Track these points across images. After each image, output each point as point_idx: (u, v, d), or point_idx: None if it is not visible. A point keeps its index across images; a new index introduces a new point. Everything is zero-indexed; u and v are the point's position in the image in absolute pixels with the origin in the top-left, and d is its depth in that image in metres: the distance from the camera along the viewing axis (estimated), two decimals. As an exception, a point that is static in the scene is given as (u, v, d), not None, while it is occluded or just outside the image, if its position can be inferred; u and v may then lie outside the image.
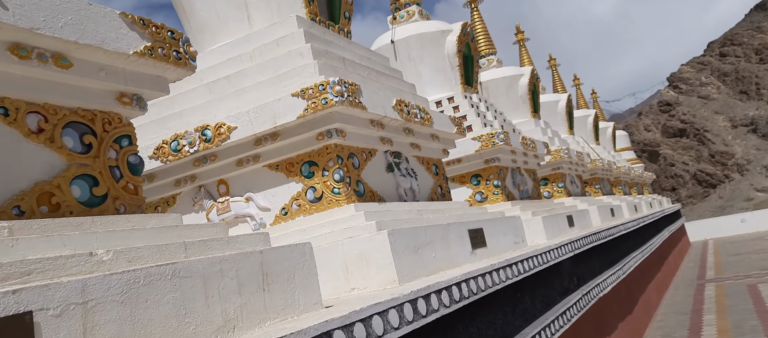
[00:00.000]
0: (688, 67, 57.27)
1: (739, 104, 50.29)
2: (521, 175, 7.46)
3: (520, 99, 10.62)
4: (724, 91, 52.62)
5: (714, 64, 55.49)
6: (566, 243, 5.45)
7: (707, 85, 53.91)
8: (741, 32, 56.97)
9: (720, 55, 56.17)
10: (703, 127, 49.30)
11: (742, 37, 55.82)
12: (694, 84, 54.71)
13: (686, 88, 54.56)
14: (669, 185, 49.39)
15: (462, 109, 7.14)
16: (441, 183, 5.12)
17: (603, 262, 7.17)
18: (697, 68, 56.35)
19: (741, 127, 48.59)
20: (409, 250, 3.19)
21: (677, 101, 53.27)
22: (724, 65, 54.61)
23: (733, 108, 50.21)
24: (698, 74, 55.35)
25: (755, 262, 13.39)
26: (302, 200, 3.65)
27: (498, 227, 4.71)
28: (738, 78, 52.18)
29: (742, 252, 16.18)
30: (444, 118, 5.00)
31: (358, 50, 4.69)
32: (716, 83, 53.66)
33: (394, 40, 7.52)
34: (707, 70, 55.27)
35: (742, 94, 51.40)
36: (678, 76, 56.82)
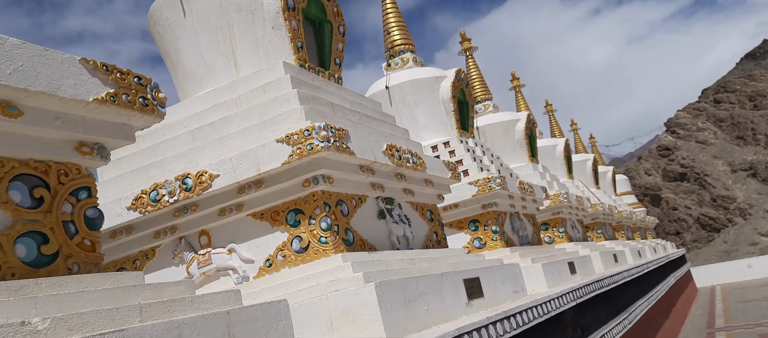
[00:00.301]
0: (684, 113, 58.13)
1: (737, 149, 50.64)
2: (520, 220, 7.26)
3: (517, 143, 10.57)
4: (721, 137, 53.11)
5: (709, 109, 56.37)
6: (568, 292, 5.19)
7: (704, 130, 54.48)
8: (733, 80, 58.34)
9: (714, 102, 57.16)
10: (703, 172, 49.36)
11: (734, 84, 57.09)
12: (691, 129, 55.32)
13: (684, 133, 55.11)
14: (673, 229, 48.88)
15: (458, 153, 7.05)
16: (436, 229, 4.93)
17: (608, 311, 6.85)
18: (693, 114, 57.17)
19: (740, 172, 48.69)
20: (398, 303, 2.98)
21: (676, 146, 53.65)
22: (719, 111, 55.46)
23: (731, 153, 50.52)
24: (694, 120, 56.08)
25: (765, 310, 12.91)
26: (288, 250, 3.46)
27: (496, 275, 4.48)
28: (734, 123, 52.84)
29: (750, 299, 15.67)
30: (438, 163, 4.88)
31: (349, 95, 4.64)
32: (713, 128, 54.25)
33: (388, 86, 7.54)
34: (703, 115, 56.05)
35: (738, 139, 51.86)
36: (675, 121, 57.59)
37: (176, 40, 4.18)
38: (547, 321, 4.65)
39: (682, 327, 12.44)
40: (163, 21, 4.21)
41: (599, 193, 16.22)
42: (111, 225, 3.56)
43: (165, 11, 4.19)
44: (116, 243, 3.66)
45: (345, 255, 3.28)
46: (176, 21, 4.16)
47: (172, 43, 4.21)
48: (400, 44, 8.09)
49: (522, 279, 5.00)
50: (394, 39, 8.13)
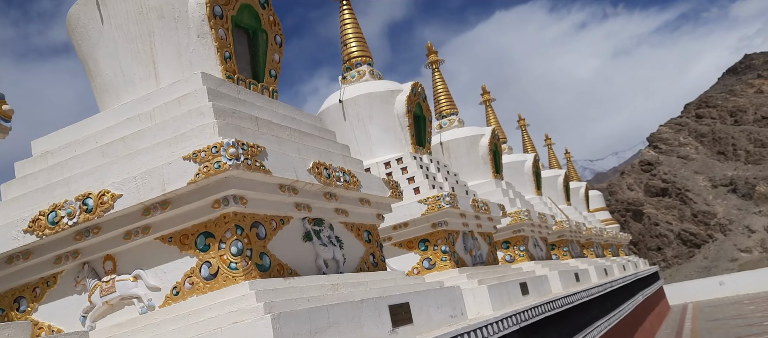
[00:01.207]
0: (666, 128, 59.33)
1: (718, 164, 51.81)
2: (474, 239, 7.21)
3: (480, 159, 10.58)
4: (703, 152, 54.32)
5: (691, 125, 57.67)
6: (511, 315, 5.11)
7: (686, 145, 55.68)
8: (715, 95, 59.89)
9: (696, 117, 58.51)
10: (684, 187, 50.28)
11: (716, 99, 58.59)
12: (673, 144, 56.48)
13: (666, 148, 56.22)
14: (654, 245, 49.57)
15: (410, 170, 6.98)
16: (374, 251, 4.81)
17: (562, 333, 6.81)
18: (675, 129, 58.38)
19: (721, 187, 49.70)
20: (302, 335, 2.84)
21: (658, 161, 54.63)
22: (700, 126, 56.78)
23: (711, 168, 51.63)
24: (676, 135, 57.27)
25: (732, 329, 13.10)
26: (196, 277, 3.30)
27: (430, 300, 4.37)
28: (715, 139, 54.15)
29: (720, 318, 15.90)
30: (376, 181, 4.78)
31: (282, 110, 4.52)
32: (694, 143, 55.48)
33: (342, 99, 7.45)
34: (685, 130, 57.29)
35: (719, 154, 53.11)
36: (657, 136, 58.71)
37: (93, 48, 4.01)
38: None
39: (648, 346, 12.52)
40: (80, 28, 4.05)
41: (569, 210, 16.34)
42: (7, 250, 3.35)
43: (82, 17, 4.03)
44: (13, 269, 3.44)
45: (253, 283, 3.13)
46: (93, 27, 4.00)
47: (89, 52, 4.04)
48: (357, 56, 8.03)
49: (462, 302, 4.91)
50: (350, 51, 8.07)
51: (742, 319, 14.71)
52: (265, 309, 2.78)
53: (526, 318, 5.45)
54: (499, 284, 6.00)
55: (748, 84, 59.07)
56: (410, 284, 4.43)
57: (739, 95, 57.09)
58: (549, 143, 23.95)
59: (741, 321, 14.29)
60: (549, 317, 6.41)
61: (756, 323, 13.45)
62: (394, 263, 6.56)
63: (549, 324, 6.40)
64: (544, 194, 16.79)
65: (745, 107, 54.92)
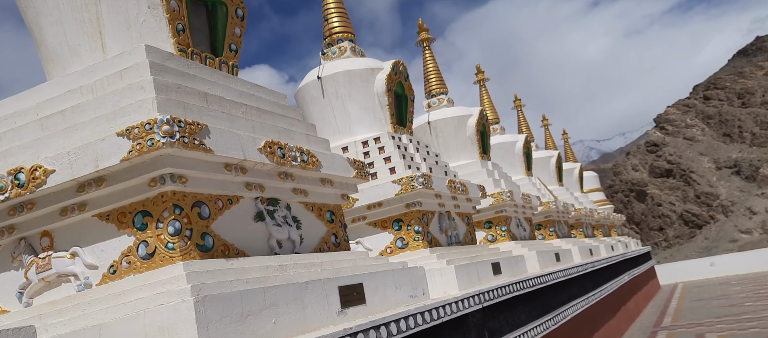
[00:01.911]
0: (673, 109, 58.12)
1: (723, 146, 50.88)
2: (451, 220, 7.04)
3: (468, 139, 10.34)
4: (709, 133, 53.31)
5: (698, 106, 56.42)
6: (472, 295, 4.98)
7: (692, 126, 54.62)
8: (724, 77, 58.33)
9: (704, 99, 57.18)
10: (688, 168, 49.56)
11: (724, 81, 57.10)
12: (679, 125, 55.41)
13: (672, 130, 55.19)
14: (656, 225, 49.16)
15: (387, 149, 6.77)
16: (336, 230, 4.66)
17: (532, 312, 6.69)
18: (682, 110, 57.18)
19: (725, 169, 48.92)
20: (230, 319, 2.70)
21: (663, 142, 53.73)
22: (708, 108, 55.54)
23: (717, 150, 50.73)
24: (683, 116, 56.14)
25: (713, 309, 13.00)
26: (133, 256, 3.15)
27: (388, 280, 4.23)
28: (721, 121, 53.03)
29: (705, 298, 15.80)
30: (340, 161, 4.59)
31: (240, 86, 4.31)
32: (701, 125, 54.39)
33: (321, 76, 7.20)
34: (692, 112, 56.08)
35: (725, 136, 52.11)
36: (664, 117, 57.54)
37: (38, 16, 3.80)
38: (444, 325, 4.44)
39: (630, 326, 12.46)
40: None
41: (560, 191, 16.13)
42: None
43: (27, -16, 3.80)
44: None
45: (188, 264, 2.98)
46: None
47: (34, 20, 3.83)
48: (339, 32, 7.74)
49: (424, 282, 4.77)
50: (332, 26, 7.78)
51: (726, 299, 14.61)
52: (192, 292, 2.64)
53: (489, 298, 5.32)
54: (468, 264, 5.86)
55: (757, 66, 57.37)
56: (368, 265, 4.28)
57: (748, 77, 55.55)
58: (546, 124, 23.58)
59: (724, 302, 14.19)
60: (518, 296, 6.28)
61: (738, 303, 13.34)
62: (368, 242, 6.43)
63: (518, 303, 6.28)
64: (537, 175, 16.57)
65: (753, 89, 53.47)
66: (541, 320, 6.64)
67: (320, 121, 7.31)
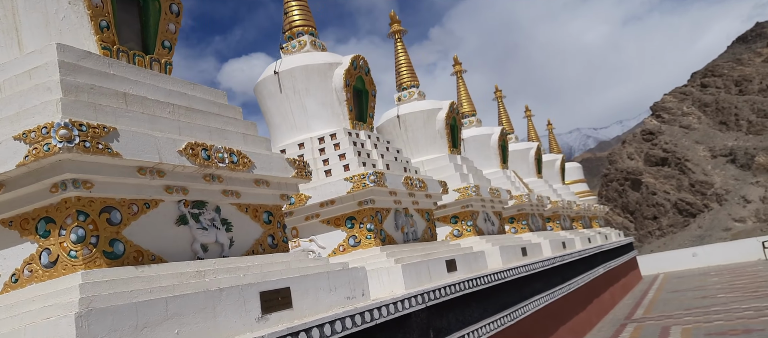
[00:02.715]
0: (670, 97, 57.64)
1: (719, 134, 50.67)
2: (408, 216, 6.98)
3: (437, 133, 10.24)
4: (705, 121, 53.04)
5: (695, 94, 55.98)
6: (414, 295, 4.93)
7: (689, 114, 54.29)
8: (722, 64, 57.81)
9: (701, 86, 56.72)
10: (684, 157, 49.38)
11: (722, 68, 56.60)
12: (676, 113, 55.07)
13: (668, 118, 54.87)
14: (650, 214, 49.16)
15: (342, 146, 6.67)
16: (274, 231, 4.57)
17: (488, 309, 6.67)
18: (679, 98, 56.75)
19: (720, 157, 48.69)
20: (120, 333, 2.62)
21: (659, 130, 53.43)
22: (704, 96, 55.15)
23: (712, 138, 50.50)
24: (680, 104, 55.76)
25: (686, 301, 13.10)
26: (35, 264, 3.06)
27: (321, 282, 4.17)
28: (718, 108, 52.74)
29: (681, 289, 15.93)
30: (278, 161, 4.49)
31: (171, 85, 4.19)
32: (697, 113, 54.06)
33: (278, 71, 7.06)
34: (689, 100, 55.66)
35: (721, 124, 51.87)
36: (661, 105, 57.11)
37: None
38: (380, 326, 4.39)
39: (602, 318, 12.53)
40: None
41: (538, 183, 16.10)
42: None
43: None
44: None
45: (88, 273, 2.89)
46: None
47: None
48: (299, 25, 7.58)
49: (365, 283, 4.71)
50: (292, 20, 7.61)
51: (701, 291, 14.74)
52: (80, 305, 2.55)
53: (434, 297, 5.27)
54: (418, 262, 5.80)
55: (756, 53, 56.78)
56: (301, 267, 4.21)
57: (746, 64, 55.09)
58: (529, 115, 23.47)
59: (699, 293, 14.31)
60: (473, 293, 6.25)
61: (711, 295, 13.45)
62: (322, 240, 6.36)
63: (472, 300, 6.26)
64: (516, 167, 16.53)
65: (751, 77, 53.01)
66: (496, 316, 6.63)
67: (278, 116, 7.19)
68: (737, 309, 10.45)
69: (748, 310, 10.05)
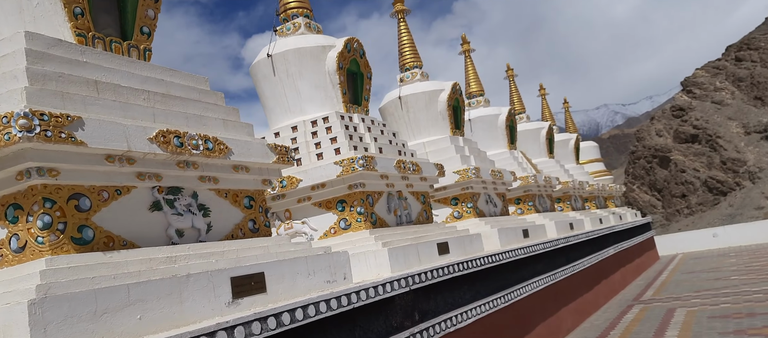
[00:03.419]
0: (703, 71, 54.95)
1: (753, 110, 48.24)
2: (402, 199, 6.90)
3: (439, 115, 10.06)
4: (739, 97, 50.50)
5: (729, 68, 53.18)
6: (398, 279, 4.89)
7: (722, 90, 51.76)
8: (759, 36, 54.47)
9: (736, 60, 53.80)
10: (715, 133, 47.28)
11: (759, 41, 53.33)
12: (708, 89, 52.58)
13: (700, 93, 52.49)
14: (679, 192, 47.58)
15: (334, 129, 6.59)
16: (255, 216, 4.57)
17: (483, 290, 6.60)
18: (712, 73, 54.05)
19: (754, 134, 46.34)
20: (76, 319, 2.65)
21: (690, 106, 51.21)
22: (739, 70, 52.37)
23: (746, 114, 48.10)
24: (713, 79, 53.13)
25: (697, 283, 12.76)
26: (6, 249, 3.12)
27: (298, 267, 4.15)
28: (753, 83, 50.06)
29: (696, 270, 15.52)
30: (257, 147, 4.45)
31: (148, 72, 4.16)
32: (731, 88, 51.47)
33: (271, 53, 6.98)
34: (722, 74, 52.97)
35: (756, 99, 49.29)
36: (692, 80, 54.58)
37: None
38: (361, 309, 4.38)
39: (610, 300, 12.32)
40: None
41: (549, 163, 15.76)
42: None
43: None
44: None
45: (53, 259, 2.93)
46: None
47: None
48: (294, 7, 7.45)
49: (347, 267, 4.68)
50: (287, 1, 7.49)
51: (715, 272, 14.32)
52: (37, 291, 2.59)
53: (420, 280, 5.22)
54: (407, 246, 5.75)
55: None
56: (280, 252, 4.20)
57: None
58: (543, 94, 22.88)
59: (712, 275, 13.92)
60: (464, 276, 6.18)
61: (724, 277, 13.07)
62: (314, 222, 6.36)
63: (464, 282, 6.19)
64: (527, 147, 16.20)
65: None
66: (488, 298, 6.55)
67: (272, 99, 7.14)
68: (747, 292, 10.11)
69: (757, 293, 9.70)
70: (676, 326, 8.03)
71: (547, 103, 22.70)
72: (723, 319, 7.94)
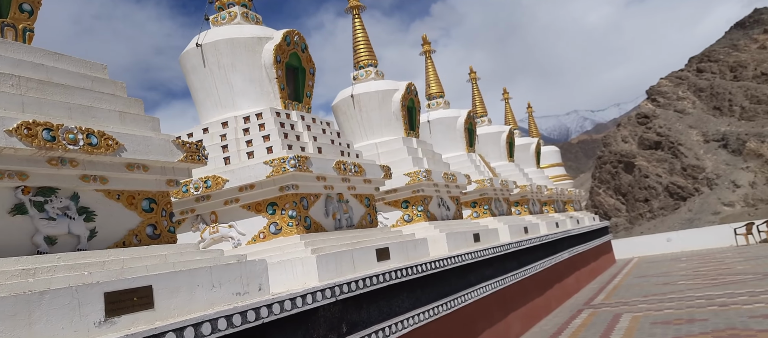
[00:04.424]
0: (666, 81, 56.97)
1: (712, 119, 50.23)
2: (342, 202, 6.47)
3: (392, 115, 9.68)
4: (699, 106, 52.56)
5: (691, 78, 55.33)
6: (321, 289, 4.45)
7: (684, 99, 53.78)
8: (719, 49, 57.00)
9: (697, 71, 56.07)
10: (677, 141, 48.97)
11: (718, 54, 55.84)
12: (671, 98, 54.53)
13: (663, 102, 54.33)
14: (642, 196, 48.95)
15: (267, 126, 6.09)
16: (156, 220, 4.04)
17: (424, 298, 6.24)
18: (675, 82, 56.10)
19: (713, 142, 47.91)
20: None
21: (654, 114, 52.93)
22: (700, 81, 54.55)
23: (706, 123, 50.03)
24: (676, 88, 55.14)
25: (646, 287, 12.85)
26: None
27: (199, 279, 3.66)
28: (712, 94, 52.21)
29: (647, 275, 15.72)
30: (158, 144, 3.93)
31: (23, 55, 3.56)
32: (692, 98, 53.54)
33: (200, 43, 6.42)
34: (684, 84, 55.05)
35: (715, 109, 51.41)
36: (656, 89, 56.48)
37: None
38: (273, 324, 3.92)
39: (562, 304, 12.24)
40: None
41: (508, 167, 15.65)
42: None
43: None
44: None
45: None
46: None
47: None
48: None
49: (263, 276, 4.21)
50: (223, -10, 6.94)
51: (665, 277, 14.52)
52: None
53: (349, 290, 4.80)
54: (340, 252, 5.32)
55: (752, 39, 55.87)
56: (177, 262, 3.69)
57: (742, 50, 54.36)
58: (506, 97, 22.90)
59: (662, 279, 14.08)
60: (404, 283, 5.80)
61: (672, 282, 13.21)
62: (242, 226, 5.85)
63: (402, 290, 5.81)
64: (488, 151, 16.05)
65: (746, 63, 52.28)
66: (429, 306, 6.19)
67: (202, 92, 6.58)
68: (691, 297, 10.17)
69: (700, 299, 9.75)
70: (620, 332, 7.91)
71: (510, 106, 22.74)
72: (664, 325, 7.87)
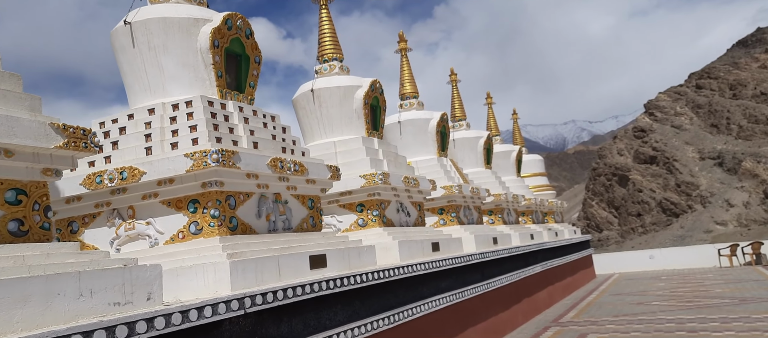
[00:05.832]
0: (665, 96, 57.05)
1: (709, 137, 50.32)
2: (279, 203, 5.96)
3: (354, 113, 9.20)
4: (696, 123, 52.68)
5: (690, 94, 55.48)
6: (225, 300, 3.94)
7: (681, 115, 53.91)
8: (719, 66, 57.22)
9: (696, 87, 56.21)
10: (672, 156, 48.93)
11: (719, 71, 56.04)
12: (668, 113, 54.63)
13: (661, 116, 54.39)
14: (635, 210, 48.81)
15: (196, 115, 5.57)
16: (24, 215, 3.49)
17: (364, 310, 5.76)
18: (673, 97, 56.22)
19: (708, 160, 47.88)
20: None
21: (651, 128, 52.92)
22: (698, 97, 54.70)
23: (702, 140, 49.83)
24: (674, 103, 55.27)
25: (619, 306, 12.50)
26: None
27: (62, 286, 3.12)
28: (710, 111, 52.36)
29: (624, 292, 15.39)
30: (31, 126, 3.39)
31: None
32: (690, 114, 53.69)
33: (129, 21, 5.88)
34: (683, 100, 55.16)
35: (712, 127, 51.54)
36: (654, 103, 56.53)
37: None
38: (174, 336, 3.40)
39: (530, 320, 11.83)
40: None
41: (484, 174, 15.25)
42: None
43: None
44: None
45: None
46: None
47: None
48: (171, -26, 6.38)
49: (155, 284, 3.69)
50: (162, -33, 6.40)
51: (640, 296, 14.19)
52: None
53: (263, 302, 4.29)
54: (264, 258, 4.81)
55: (753, 58, 55.94)
56: (37, 265, 3.16)
57: (743, 68, 54.64)
58: (489, 102, 22.52)
59: (636, 298, 13.75)
60: (337, 294, 5.31)
61: (646, 302, 12.88)
62: (161, 224, 5.32)
63: (336, 302, 5.31)
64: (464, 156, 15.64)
65: (746, 81, 52.20)
66: (368, 319, 5.70)
67: (130, 75, 6.04)
68: (662, 319, 9.81)
69: (670, 322, 9.40)
70: (581, 355, 7.50)
71: (492, 112, 22.38)
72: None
